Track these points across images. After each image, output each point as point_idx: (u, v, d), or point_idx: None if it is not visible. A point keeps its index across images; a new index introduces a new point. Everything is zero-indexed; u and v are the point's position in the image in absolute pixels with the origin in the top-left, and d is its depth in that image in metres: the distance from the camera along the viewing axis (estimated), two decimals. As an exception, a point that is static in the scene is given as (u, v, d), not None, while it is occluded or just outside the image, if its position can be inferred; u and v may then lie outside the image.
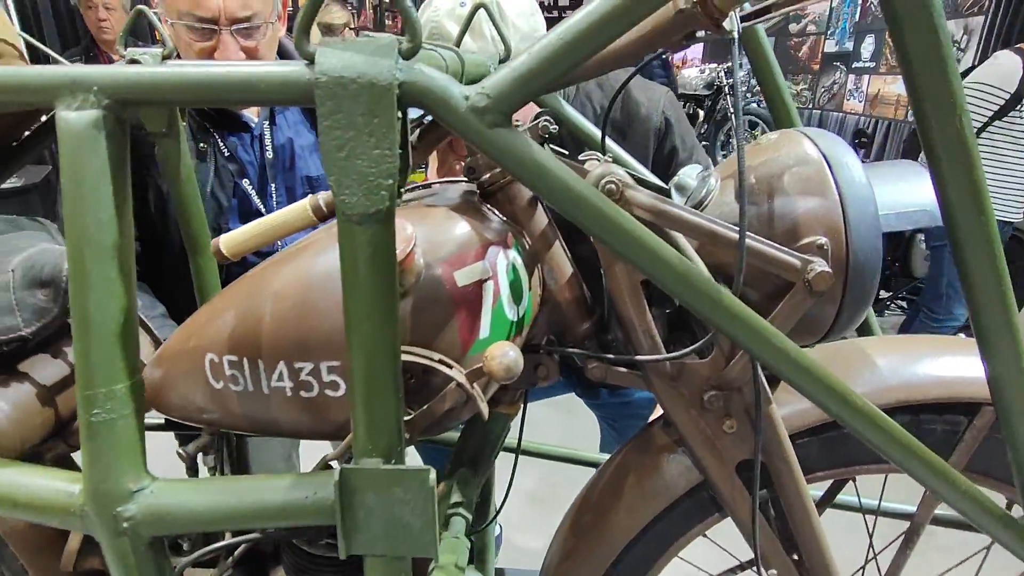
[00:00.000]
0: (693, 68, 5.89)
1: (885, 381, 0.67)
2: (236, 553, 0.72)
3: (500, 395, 0.73)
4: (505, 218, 0.65)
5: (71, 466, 0.75)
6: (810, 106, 5.16)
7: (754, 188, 0.60)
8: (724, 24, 0.47)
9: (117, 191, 0.44)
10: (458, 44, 0.80)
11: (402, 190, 0.46)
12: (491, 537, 0.99)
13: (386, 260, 0.43)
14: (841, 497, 0.91)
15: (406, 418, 0.52)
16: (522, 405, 0.77)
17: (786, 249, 0.55)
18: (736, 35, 0.48)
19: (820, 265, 0.54)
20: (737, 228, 0.54)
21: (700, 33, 0.50)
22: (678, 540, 0.73)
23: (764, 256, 0.55)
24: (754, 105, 4.94)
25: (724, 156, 5.19)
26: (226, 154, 1.09)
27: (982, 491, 0.58)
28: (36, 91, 0.43)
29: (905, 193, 0.63)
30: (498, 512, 0.86)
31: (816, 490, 0.87)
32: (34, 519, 0.51)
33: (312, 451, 0.80)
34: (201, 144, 1.06)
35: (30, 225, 0.78)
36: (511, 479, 0.82)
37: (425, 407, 0.54)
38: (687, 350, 0.60)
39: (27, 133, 0.73)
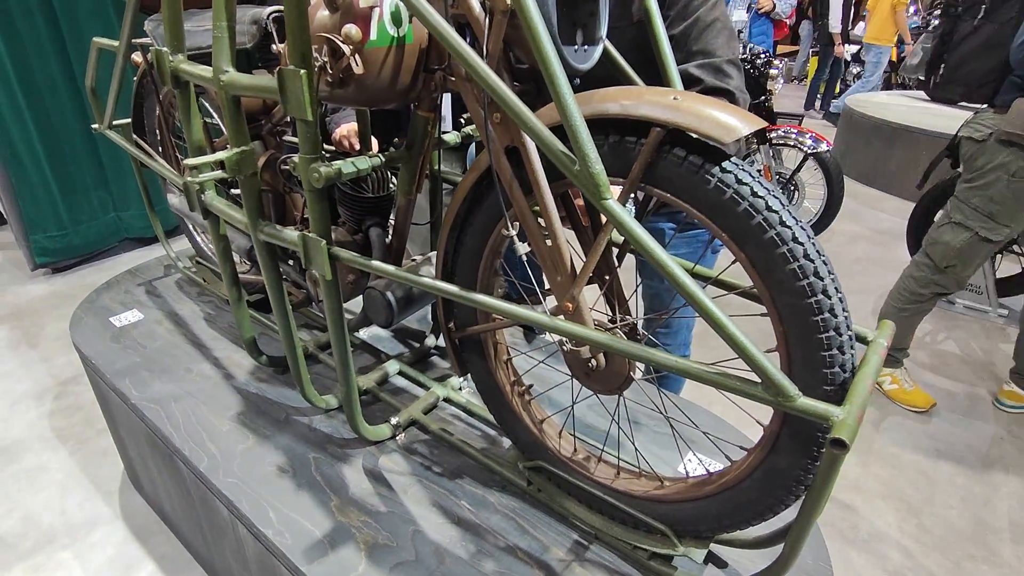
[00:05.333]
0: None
1: (595, 103, 0.90)
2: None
3: (419, 104, 1.28)
4: None
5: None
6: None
7: None
8: None
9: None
10: None
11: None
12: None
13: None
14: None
15: (331, 71, 1.13)
16: (435, 115, 1.30)
17: None
18: None
19: None
20: None
21: None
22: (498, 222, 1.14)
23: None
24: None
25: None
26: None
27: (611, 188, 0.86)
28: None
29: None
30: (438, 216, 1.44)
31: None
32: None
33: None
34: None
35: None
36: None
37: (335, 66, 1.14)
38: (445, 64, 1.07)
39: None
